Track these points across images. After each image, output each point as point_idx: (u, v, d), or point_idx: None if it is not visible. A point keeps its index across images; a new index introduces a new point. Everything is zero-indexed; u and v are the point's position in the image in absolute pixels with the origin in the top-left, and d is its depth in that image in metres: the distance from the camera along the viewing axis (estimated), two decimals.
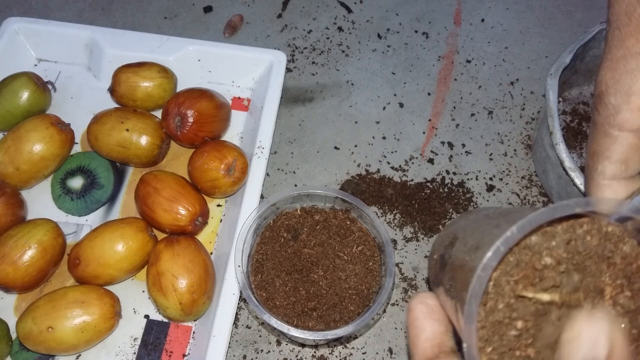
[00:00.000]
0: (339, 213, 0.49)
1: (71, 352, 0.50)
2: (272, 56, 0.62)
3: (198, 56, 0.63)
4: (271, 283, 0.46)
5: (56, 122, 0.56)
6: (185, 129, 0.55)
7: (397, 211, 0.59)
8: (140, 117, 0.56)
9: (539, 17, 0.74)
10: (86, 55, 0.65)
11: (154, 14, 0.73)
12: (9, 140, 0.54)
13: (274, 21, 0.73)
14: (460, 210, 0.59)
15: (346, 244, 0.48)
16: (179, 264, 0.49)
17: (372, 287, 0.46)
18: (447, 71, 0.69)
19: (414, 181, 0.61)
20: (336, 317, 0.45)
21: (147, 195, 0.52)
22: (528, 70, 0.70)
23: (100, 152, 0.57)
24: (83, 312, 0.48)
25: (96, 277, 0.50)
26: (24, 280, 0.50)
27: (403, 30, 0.72)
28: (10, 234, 0.50)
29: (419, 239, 0.58)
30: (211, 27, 0.72)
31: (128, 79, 0.58)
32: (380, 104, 0.67)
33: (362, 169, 0.62)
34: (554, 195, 0.58)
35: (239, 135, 0.62)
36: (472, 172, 0.62)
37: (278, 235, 0.48)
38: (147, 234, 0.52)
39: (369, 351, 0.52)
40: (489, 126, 0.65)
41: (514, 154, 0.63)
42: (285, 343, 0.53)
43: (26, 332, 0.47)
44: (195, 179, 0.55)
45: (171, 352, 0.51)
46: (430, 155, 0.63)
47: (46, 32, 0.64)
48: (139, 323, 0.53)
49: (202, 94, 0.57)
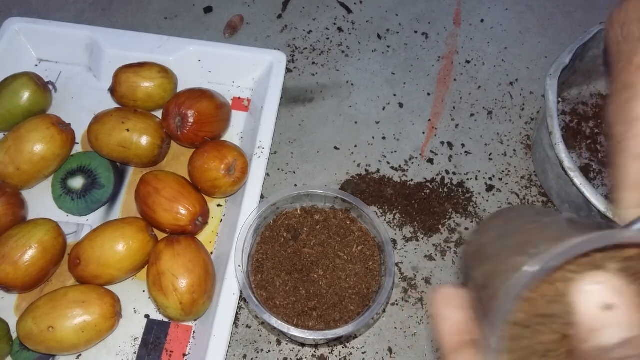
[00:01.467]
0: (339, 213, 0.50)
1: (71, 352, 0.50)
2: (272, 56, 0.62)
3: (198, 56, 0.63)
4: (271, 283, 0.46)
5: (57, 122, 0.56)
6: (186, 129, 0.56)
7: (397, 211, 0.59)
8: (140, 117, 0.56)
9: (539, 17, 0.74)
10: (87, 56, 0.65)
11: (154, 14, 0.73)
12: (9, 141, 0.55)
13: (274, 22, 0.73)
14: (460, 210, 0.59)
15: (346, 243, 0.48)
16: (179, 264, 0.49)
17: (372, 286, 0.46)
18: (447, 71, 0.69)
19: (413, 181, 0.61)
20: (336, 317, 0.45)
21: (147, 195, 0.52)
22: (527, 70, 0.70)
23: (101, 152, 0.57)
24: (83, 312, 0.48)
25: (97, 277, 0.50)
26: (25, 280, 0.50)
27: (403, 30, 0.73)
28: (11, 234, 0.50)
29: (418, 239, 0.58)
30: (211, 28, 0.72)
31: (129, 79, 0.58)
32: (380, 104, 0.67)
33: (362, 169, 0.62)
34: (554, 195, 0.58)
35: (239, 135, 0.62)
36: (471, 172, 0.62)
37: (278, 235, 0.48)
38: (147, 234, 0.52)
39: (369, 351, 0.53)
40: (489, 126, 0.65)
41: (514, 154, 0.63)
42: (285, 343, 0.53)
43: (27, 332, 0.48)
44: (195, 179, 0.55)
45: (171, 351, 0.51)
46: (430, 155, 0.63)
47: (47, 32, 0.64)
48: (140, 323, 0.53)
49: (202, 94, 0.57)
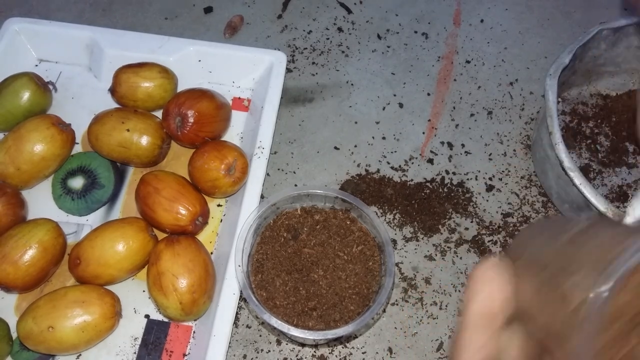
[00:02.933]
0: (339, 213, 0.50)
1: (71, 352, 0.50)
2: (272, 56, 0.62)
3: (198, 56, 0.63)
4: (271, 283, 0.46)
5: (57, 122, 0.56)
6: (186, 129, 0.56)
7: (397, 211, 0.59)
8: (141, 117, 0.57)
9: (538, 17, 0.74)
10: (87, 56, 0.65)
11: (154, 14, 0.73)
12: (9, 141, 0.55)
13: (274, 22, 0.73)
14: (460, 210, 0.59)
15: (346, 243, 0.48)
16: (179, 264, 0.49)
17: (372, 286, 0.46)
18: (447, 71, 0.69)
19: (413, 181, 0.61)
20: (336, 317, 0.45)
21: (147, 195, 0.52)
22: (527, 70, 0.70)
23: (101, 152, 0.57)
24: (83, 312, 0.48)
25: (97, 276, 0.51)
26: (25, 280, 0.50)
27: (403, 30, 0.73)
28: (11, 234, 0.50)
29: (418, 239, 0.58)
30: (211, 28, 0.72)
31: (129, 79, 0.58)
32: (380, 104, 0.67)
33: (362, 169, 0.62)
34: (554, 195, 0.58)
35: (239, 135, 0.62)
36: (471, 172, 0.62)
37: (278, 235, 0.48)
38: (147, 234, 0.52)
39: (369, 351, 0.53)
40: (489, 126, 0.65)
41: (514, 154, 0.63)
42: (285, 343, 0.53)
43: (27, 332, 0.48)
44: (195, 179, 0.55)
45: (171, 351, 0.51)
46: (430, 155, 0.63)
47: (47, 32, 0.64)
48: (140, 323, 0.53)
49: (202, 94, 0.57)
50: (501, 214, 0.60)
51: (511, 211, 0.60)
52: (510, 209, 0.60)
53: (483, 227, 0.59)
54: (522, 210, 0.60)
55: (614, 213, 0.49)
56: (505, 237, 0.58)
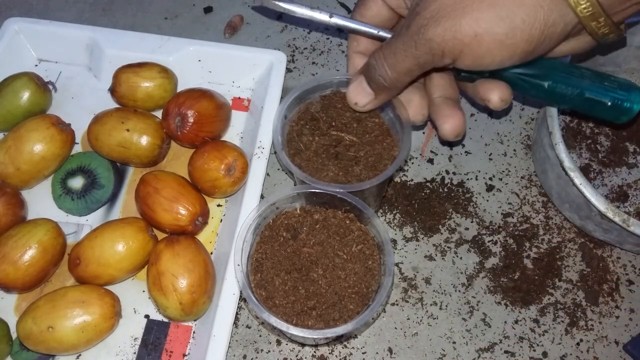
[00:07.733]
0: (338, 212, 0.50)
1: (71, 352, 0.50)
2: (272, 56, 0.62)
3: (198, 56, 0.63)
4: (271, 282, 0.46)
5: (57, 122, 0.56)
6: (186, 129, 0.56)
7: (397, 211, 0.59)
8: (140, 117, 0.57)
9: None
10: (87, 56, 0.65)
11: (154, 14, 0.73)
12: (9, 141, 0.55)
13: (274, 21, 0.73)
14: (460, 210, 0.59)
15: (345, 243, 0.48)
16: (179, 264, 0.49)
17: (371, 286, 0.46)
18: None
19: (413, 181, 0.61)
20: (335, 316, 0.45)
21: (147, 195, 0.52)
22: None
23: (101, 152, 0.57)
24: (83, 312, 0.48)
25: (96, 277, 0.51)
26: (25, 280, 0.50)
27: None
28: (11, 234, 0.51)
29: (418, 238, 0.58)
30: (211, 28, 0.72)
31: (128, 79, 0.58)
32: None
33: None
34: (554, 195, 0.58)
35: (239, 135, 0.62)
36: (471, 172, 0.62)
37: (278, 234, 0.48)
38: (147, 234, 0.52)
39: (369, 351, 0.53)
40: (489, 126, 0.65)
41: (514, 154, 0.63)
42: (285, 343, 0.53)
43: (26, 332, 0.48)
44: (195, 179, 0.55)
45: (171, 352, 0.51)
46: (430, 155, 0.63)
47: (47, 32, 0.64)
48: (139, 323, 0.53)
49: (202, 94, 0.57)
50: (501, 214, 0.60)
51: (511, 211, 0.60)
52: (511, 209, 0.60)
53: (483, 227, 0.59)
54: (522, 210, 0.60)
55: (614, 213, 0.49)
56: (506, 237, 0.58)
